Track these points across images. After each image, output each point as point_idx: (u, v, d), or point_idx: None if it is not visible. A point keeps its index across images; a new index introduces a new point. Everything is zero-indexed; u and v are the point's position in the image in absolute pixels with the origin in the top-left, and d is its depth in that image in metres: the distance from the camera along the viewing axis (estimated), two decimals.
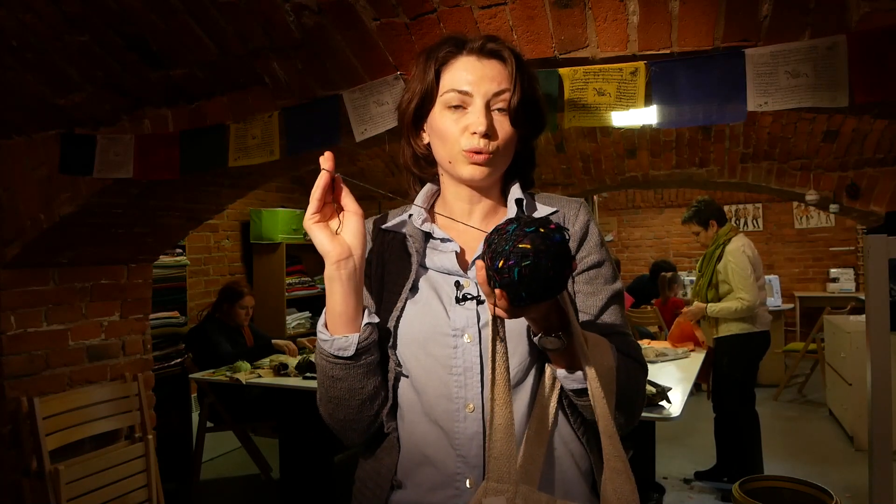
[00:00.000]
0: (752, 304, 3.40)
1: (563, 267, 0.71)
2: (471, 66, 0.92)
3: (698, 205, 3.73)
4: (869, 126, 3.82)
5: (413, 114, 0.97)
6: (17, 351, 2.42)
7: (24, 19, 1.74)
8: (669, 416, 2.27)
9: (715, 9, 1.36)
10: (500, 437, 0.81)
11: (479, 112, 0.90)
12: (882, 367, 1.65)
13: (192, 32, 1.72)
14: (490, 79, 0.91)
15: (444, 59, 0.94)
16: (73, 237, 2.39)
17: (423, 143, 0.99)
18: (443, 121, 0.93)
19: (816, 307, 6.26)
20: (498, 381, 0.82)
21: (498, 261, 0.71)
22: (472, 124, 0.90)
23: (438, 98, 0.93)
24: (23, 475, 2.39)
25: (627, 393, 0.89)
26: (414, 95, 0.96)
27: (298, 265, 5.22)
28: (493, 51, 0.93)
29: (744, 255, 3.45)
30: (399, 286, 0.96)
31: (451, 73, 0.93)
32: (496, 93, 0.91)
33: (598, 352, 0.84)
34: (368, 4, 1.55)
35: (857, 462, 3.86)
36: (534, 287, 0.70)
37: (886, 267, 1.65)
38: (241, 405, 3.52)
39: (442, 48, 0.94)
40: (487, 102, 0.91)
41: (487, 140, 0.90)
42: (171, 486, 3.09)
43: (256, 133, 1.87)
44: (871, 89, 1.29)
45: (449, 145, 0.93)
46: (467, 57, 0.93)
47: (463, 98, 0.91)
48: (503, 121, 0.92)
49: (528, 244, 0.70)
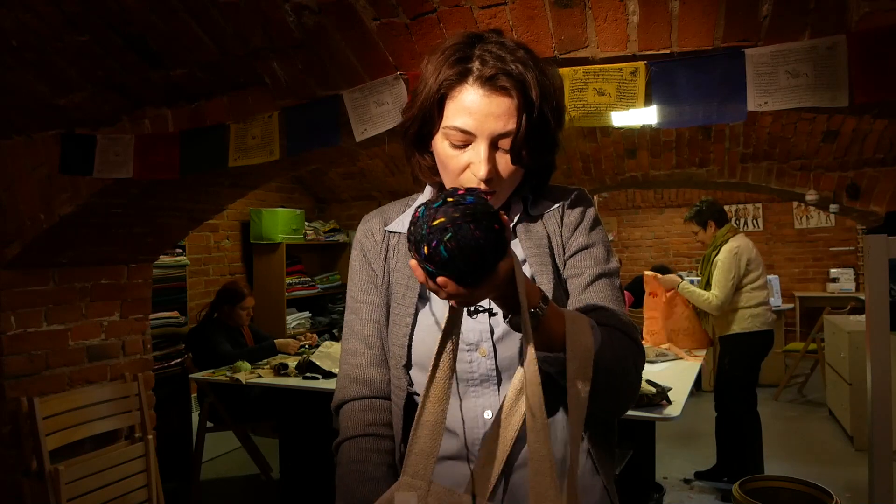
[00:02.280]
0: (721, 303, 3.42)
1: (489, 224, 0.67)
2: (476, 103, 0.84)
3: (700, 205, 3.76)
4: (869, 126, 3.82)
5: (414, 137, 0.92)
6: (17, 351, 2.42)
7: (24, 19, 1.74)
8: (669, 416, 2.27)
9: (715, 9, 1.36)
10: (425, 433, 0.80)
11: (482, 158, 0.84)
12: (882, 367, 1.65)
13: (192, 32, 1.72)
14: (495, 118, 0.84)
15: (448, 87, 0.86)
16: (73, 237, 2.39)
17: (428, 161, 0.94)
18: (444, 152, 0.88)
19: (816, 307, 6.25)
20: (438, 377, 0.79)
21: (422, 248, 0.68)
22: (474, 167, 0.85)
23: (441, 128, 0.88)
24: (23, 475, 2.39)
25: (613, 371, 0.82)
26: (416, 119, 0.90)
27: (298, 265, 5.23)
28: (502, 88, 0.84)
29: (734, 256, 3.46)
30: (408, 298, 0.93)
31: (455, 105, 0.86)
32: (501, 134, 0.84)
33: (574, 331, 0.79)
34: (368, 4, 1.55)
35: (857, 462, 3.86)
36: (469, 256, 0.66)
37: (886, 267, 1.65)
38: (241, 405, 3.52)
39: (449, 68, 0.86)
40: (490, 143, 0.85)
41: (490, 177, 0.86)
42: (171, 486, 3.09)
43: (256, 133, 1.87)
44: (871, 89, 1.29)
45: (451, 179, 0.89)
46: (472, 88, 0.84)
47: (466, 138, 0.85)
48: (507, 159, 0.86)
49: (441, 218, 0.67)
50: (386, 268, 0.98)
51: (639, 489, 3.02)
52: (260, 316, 4.81)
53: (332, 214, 5.73)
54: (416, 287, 0.93)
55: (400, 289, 0.95)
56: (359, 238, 1.03)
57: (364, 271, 1.01)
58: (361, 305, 1.00)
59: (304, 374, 3.12)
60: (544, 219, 0.96)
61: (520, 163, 0.87)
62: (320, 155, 2.07)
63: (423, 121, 0.89)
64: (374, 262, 0.99)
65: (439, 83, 0.86)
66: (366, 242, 1.02)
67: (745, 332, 3.48)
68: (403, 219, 1.00)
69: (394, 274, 0.97)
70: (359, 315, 1.00)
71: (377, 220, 1.02)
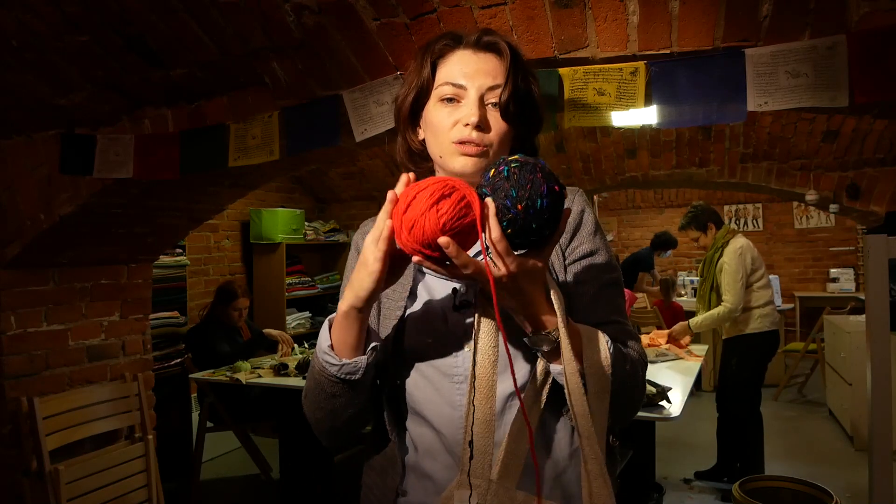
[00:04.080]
0: (735, 307, 3.38)
1: (562, 187, 0.77)
2: (466, 60, 0.91)
3: (694, 210, 3.72)
4: (869, 126, 3.82)
5: (409, 107, 0.95)
6: (17, 351, 2.42)
7: (24, 19, 1.74)
8: (669, 416, 2.27)
9: (715, 9, 1.36)
10: (480, 431, 0.81)
11: (472, 104, 0.88)
12: (882, 367, 1.65)
13: (192, 32, 1.72)
14: (485, 73, 0.90)
15: (441, 52, 0.93)
16: (73, 237, 2.39)
17: (418, 139, 0.98)
18: (436, 113, 0.91)
19: (816, 307, 6.26)
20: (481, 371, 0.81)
21: (517, 203, 0.73)
22: (463, 116, 0.89)
23: (433, 91, 0.92)
24: (23, 475, 2.39)
25: (627, 385, 0.87)
26: (411, 89, 0.94)
27: (298, 265, 5.22)
28: (489, 44, 0.91)
29: (739, 257, 3.43)
30: (398, 294, 0.95)
31: (447, 67, 0.92)
32: (491, 86, 0.89)
33: (591, 347, 0.83)
34: (368, 4, 1.55)
35: (857, 462, 3.86)
36: (554, 211, 0.75)
37: (886, 267, 1.65)
38: (241, 405, 3.52)
39: (439, 41, 0.93)
40: (481, 96, 0.89)
41: (480, 132, 0.88)
42: (171, 486, 3.09)
43: (256, 133, 1.87)
44: (871, 89, 1.29)
45: (441, 137, 0.91)
46: (464, 50, 0.92)
47: (457, 91, 0.90)
48: (498, 115, 0.90)
49: (534, 174, 0.75)
50: None
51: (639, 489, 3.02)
52: (260, 316, 4.81)
53: (332, 214, 5.73)
54: (408, 285, 0.95)
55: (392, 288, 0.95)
56: (356, 241, 1.05)
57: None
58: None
59: (304, 374, 3.12)
60: None
61: (508, 116, 0.90)
62: (320, 155, 2.07)
63: (419, 90, 0.93)
64: None
65: (431, 51, 0.93)
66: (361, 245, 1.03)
67: (754, 332, 3.45)
68: None
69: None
70: None
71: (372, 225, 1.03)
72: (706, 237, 3.67)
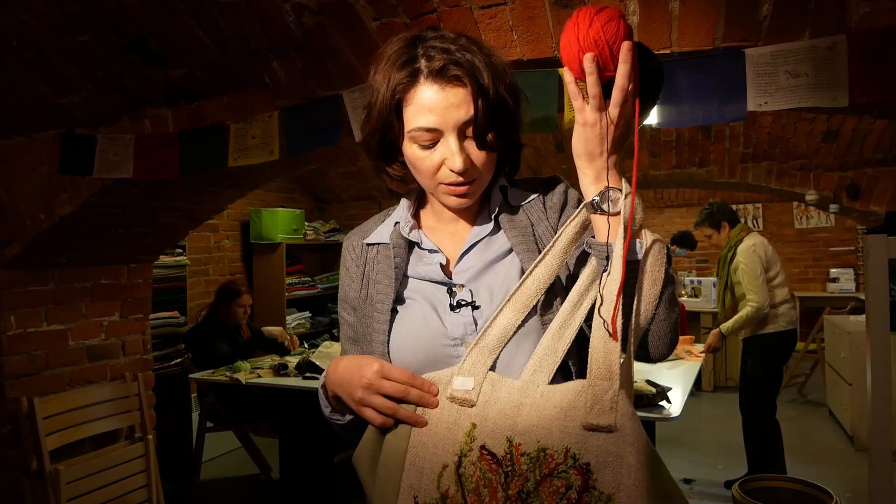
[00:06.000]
0: (762, 305, 3.32)
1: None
2: (433, 99, 0.84)
3: (709, 207, 3.65)
4: (869, 126, 3.82)
5: (378, 148, 0.92)
6: (17, 351, 2.42)
7: (24, 19, 1.74)
8: (669, 416, 2.27)
9: (715, 9, 1.36)
10: (494, 333, 0.84)
11: (454, 150, 0.85)
12: (882, 367, 1.65)
13: (192, 32, 1.72)
14: (456, 108, 0.84)
15: (402, 91, 0.86)
16: (73, 237, 2.39)
17: (397, 171, 0.95)
18: (415, 155, 0.88)
19: (816, 307, 6.25)
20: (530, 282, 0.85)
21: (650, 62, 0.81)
22: (448, 162, 0.86)
23: (406, 134, 0.87)
24: (23, 475, 2.39)
25: (673, 305, 0.84)
26: (375, 130, 0.90)
27: (298, 265, 5.23)
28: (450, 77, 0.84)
29: (754, 254, 3.37)
30: (385, 305, 0.94)
31: (414, 107, 0.85)
32: (465, 121, 0.85)
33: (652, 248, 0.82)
34: (368, 4, 1.55)
35: (857, 462, 3.86)
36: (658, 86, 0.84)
37: (886, 267, 1.65)
38: (241, 405, 3.52)
39: (398, 72, 0.85)
40: (459, 132, 0.85)
41: (466, 167, 0.86)
42: (171, 486, 3.09)
43: (256, 133, 1.87)
44: (871, 89, 1.29)
45: (427, 180, 0.90)
46: (426, 86, 0.84)
47: (433, 136, 0.85)
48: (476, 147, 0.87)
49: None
50: (364, 280, 0.99)
51: None
52: (260, 316, 4.81)
53: (332, 214, 5.73)
54: (392, 294, 0.94)
55: (379, 297, 0.95)
56: (342, 255, 1.05)
57: (344, 292, 1.03)
58: (344, 323, 1.04)
59: (304, 374, 3.12)
60: (525, 208, 0.97)
61: (487, 147, 0.87)
62: (320, 155, 2.07)
63: (384, 131, 0.89)
64: (353, 281, 1.01)
65: (392, 90, 0.86)
66: (346, 260, 1.04)
67: (772, 332, 3.39)
68: (382, 230, 1.01)
69: (373, 285, 0.97)
70: (343, 333, 1.04)
71: (357, 236, 1.04)
72: (719, 235, 3.61)
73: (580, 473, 0.74)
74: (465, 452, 0.79)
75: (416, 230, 0.97)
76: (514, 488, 0.75)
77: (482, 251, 0.95)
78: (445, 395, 0.83)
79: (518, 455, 0.77)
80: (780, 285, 3.45)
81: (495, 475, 0.77)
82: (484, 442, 0.78)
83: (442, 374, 0.84)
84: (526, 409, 0.79)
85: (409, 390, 0.82)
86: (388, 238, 0.98)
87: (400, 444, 0.82)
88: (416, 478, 0.80)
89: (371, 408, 0.83)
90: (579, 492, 0.74)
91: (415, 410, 0.82)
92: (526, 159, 4.88)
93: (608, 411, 0.76)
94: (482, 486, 0.76)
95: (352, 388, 0.85)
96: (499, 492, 0.76)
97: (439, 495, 0.78)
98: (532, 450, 0.76)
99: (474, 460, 0.78)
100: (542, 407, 0.79)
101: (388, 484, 0.81)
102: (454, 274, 0.94)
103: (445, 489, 0.78)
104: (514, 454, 0.77)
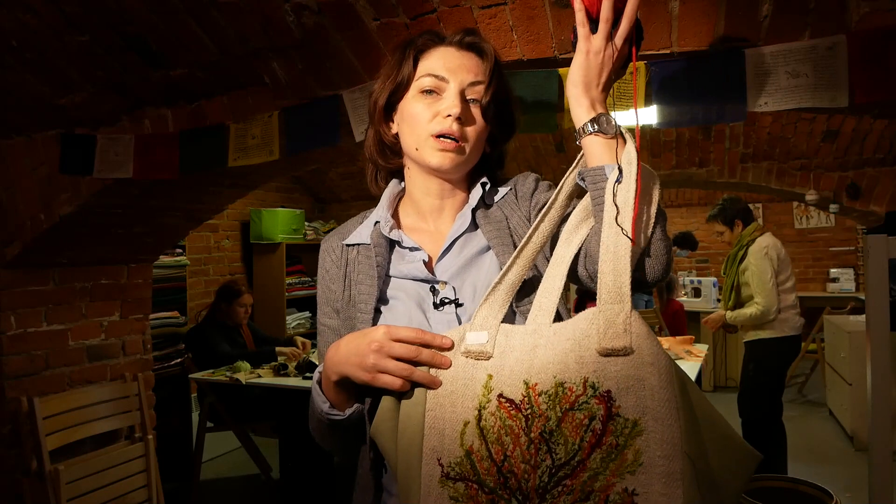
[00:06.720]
0: (768, 309, 3.25)
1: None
2: (449, 55, 0.93)
3: (723, 202, 3.51)
4: (869, 126, 3.82)
5: (386, 99, 0.97)
6: (17, 351, 2.42)
7: (24, 19, 1.74)
8: None
9: (715, 9, 1.36)
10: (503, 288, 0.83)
11: (454, 96, 0.91)
12: (882, 367, 1.65)
13: (192, 32, 1.72)
14: (467, 69, 0.92)
15: (424, 46, 0.95)
16: (73, 237, 2.39)
17: (391, 132, 0.99)
18: (415, 105, 0.93)
19: (816, 307, 6.26)
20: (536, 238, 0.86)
21: None
22: (445, 108, 0.90)
23: (414, 83, 0.94)
24: (23, 475, 2.39)
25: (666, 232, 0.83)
26: (389, 82, 0.96)
27: (298, 265, 5.23)
28: (472, 44, 0.94)
29: (766, 256, 3.27)
30: (368, 305, 0.93)
31: (429, 60, 0.94)
32: (472, 82, 0.92)
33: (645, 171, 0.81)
34: (368, 4, 1.55)
35: (857, 462, 3.86)
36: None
37: (886, 267, 1.65)
38: (241, 405, 3.52)
39: (422, 37, 0.96)
40: (462, 91, 0.91)
41: (460, 125, 0.90)
42: (171, 486, 3.09)
43: (256, 133, 1.88)
44: (871, 89, 1.29)
45: (418, 129, 0.92)
46: (446, 47, 0.94)
47: (438, 83, 0.92)
48: (476, 112, 0.92)
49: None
50: (346, 282, 0.98)
51: None
52: (260, 316, 4.81)
53: (332, 214, 5.73)
54: (375, 294, 0.93)
55: (361, 297, 0.94)
56: (320, 259, 1.04)
57: (324, 295, 1.02)
58: (325, 329, 1.02)
59: (304, 375, 3.12)
60: (499, 204, 0.99)
61: (487, 117, 0.93)
62: (320, 155, 2.07)
63: (398, 83, 0.95)
64: (334, 283, 1.00)
65: (416, 46, 0.95)
66: (325, 262, 1.02)
67: (773, 337, 3.32)
68: (361, 230, 1.00)
69: (355, 286, 0.96)
70: (323, 338, 1.02)
71: (335, 238, 1.03)
72: (731, 233, 3.48)
73: (602, 402, 0.72)
74: (483, 405, 0.76)
75: (396, 229, 0.97)
76: (537, 430, 0.73)
77: (462, 248, 0.95)
78: (460, 351, 0.81)
79: (535, 395, 0.74)
80: (789, 290, 3.34)
81: (515, 421, 0.74)
82: (501, 390, 0.76)
83: (452, 333, 0.83)
84: (541, 350, 0.77)
85: (421, 351, 0.80)
86: (369, 238, 0.97)
87: (417, 409, 0.80)
88: (438, 440, 0.77)
89: (386, 373, 0.81)
90: (603, 421, 0.71)
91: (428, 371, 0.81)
92: (526, 159, 4.88)
93: (623, 333, 0.73)
94: (504, 435, 0.74)
95: (361, 357, 0.81)
96: (521, 437, 0.73)
97: (464, 452, 0.76)
98: (549, 387, 0.74)
99: (493, 410, 0.76)
100: (556, 343, 0.77)
101: (409, 451, 0.79)
102: (436, 271, 0.94)
103: (469, 445, 0.76)
104: (531, 395, 0.75)
